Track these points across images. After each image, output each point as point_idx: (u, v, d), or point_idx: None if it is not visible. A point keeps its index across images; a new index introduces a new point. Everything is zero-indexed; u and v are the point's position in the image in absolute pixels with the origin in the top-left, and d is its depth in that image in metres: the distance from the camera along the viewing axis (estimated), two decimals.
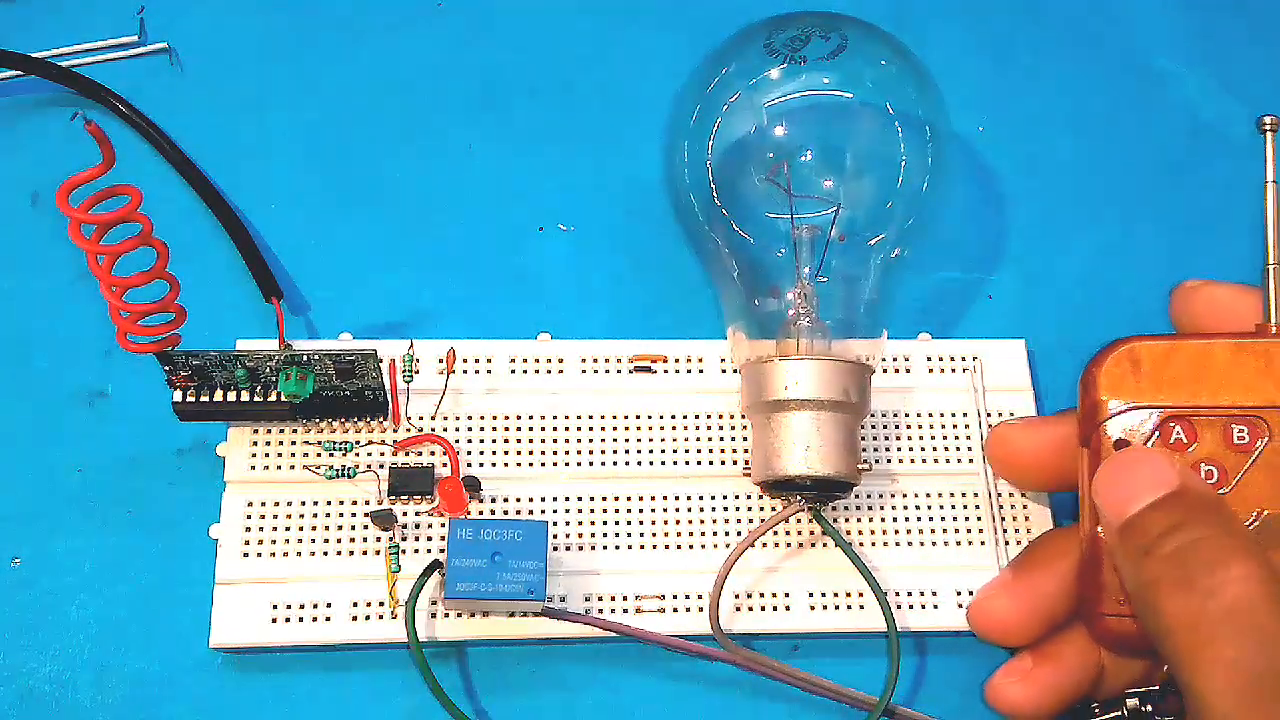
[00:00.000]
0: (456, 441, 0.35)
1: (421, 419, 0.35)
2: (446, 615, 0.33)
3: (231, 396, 0.33)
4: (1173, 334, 0.30)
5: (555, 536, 0.34)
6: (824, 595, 0.34)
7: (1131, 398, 0.29)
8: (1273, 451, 0.29)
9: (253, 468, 0.34)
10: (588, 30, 0.43)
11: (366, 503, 0.34)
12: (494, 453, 0.35)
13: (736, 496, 0.35)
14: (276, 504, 0.34)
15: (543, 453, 0.35)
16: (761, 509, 0.35)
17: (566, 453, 0.35)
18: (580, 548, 0.34)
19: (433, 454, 0.35)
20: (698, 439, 0.36)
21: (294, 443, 0.34)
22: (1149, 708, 0.30)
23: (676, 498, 0.35)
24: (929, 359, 0.37)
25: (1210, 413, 0.29)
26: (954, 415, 0.36)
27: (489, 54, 0.43)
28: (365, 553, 0.34)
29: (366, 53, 0.42)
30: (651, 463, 0.35)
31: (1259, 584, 0.25)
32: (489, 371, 0.36)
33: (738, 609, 0.34)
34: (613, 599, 0.34)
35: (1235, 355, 0.29)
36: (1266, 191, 0.31)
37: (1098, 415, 0.29)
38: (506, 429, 0.35)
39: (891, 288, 0.36)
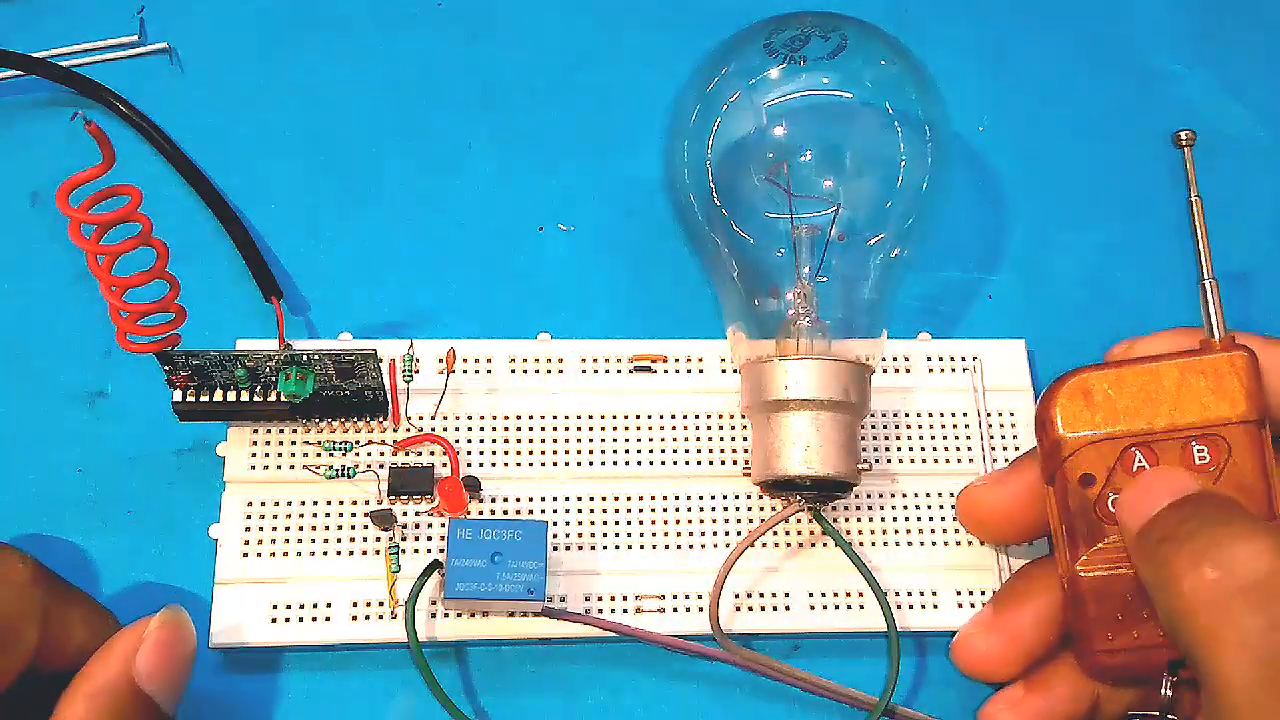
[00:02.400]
0: (456, 441, 0.35)
1: (421, 419, 0.35)
2: (446, 615, 0.33)
3: (231, 396, 0.33)
4: (1118, 362, 0.30)
5: (555, 536, 0.34)
6: (824, 595, 0.34)
7: (1089, 429, 0.29)
8: (1235, 468, 0.29)
9: (253, 468, 0.34)
10: (588, 30, 0.43)
11: (366, 503, 0.34)
12: (494, 453, 0.35)
13: (736, 496, 0.35)
14: (276, 504, 0.34)
15: (543, 453, 0.35)
16: (761, 509, 0.35)
17: (566, 453, 0.35)
18: (580, 548, 0.34)
19: (433, 454, 0.35)
20: (698, 439, 0.36)
21: (294, 443, 0.34)
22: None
23: (676, 498, 0.35)
24: (929, 359, 0.37)
25: (1169, 436, 0.29)
26: (954, 415, 0.36)
27: (489, 54, 0.43)
28: (365, 553, 0.34)
29: (366, 53, 0.42)
30: (651, 463, 0.35)
31: (1273, 558, 0.25)
32: (489, 371, 0.36)
33: (738, 609, 0.34)
34: (613, 599, 0.34)
35: (1184, 376, 0.29)
36: (1191, 207, 0.31)
37: (1059, 452, 0.30)
38: (506, 429, 0.35)
39: (891, 288, 0.36)
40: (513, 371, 0.36)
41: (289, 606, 0.33)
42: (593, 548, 0.34)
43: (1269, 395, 0.29)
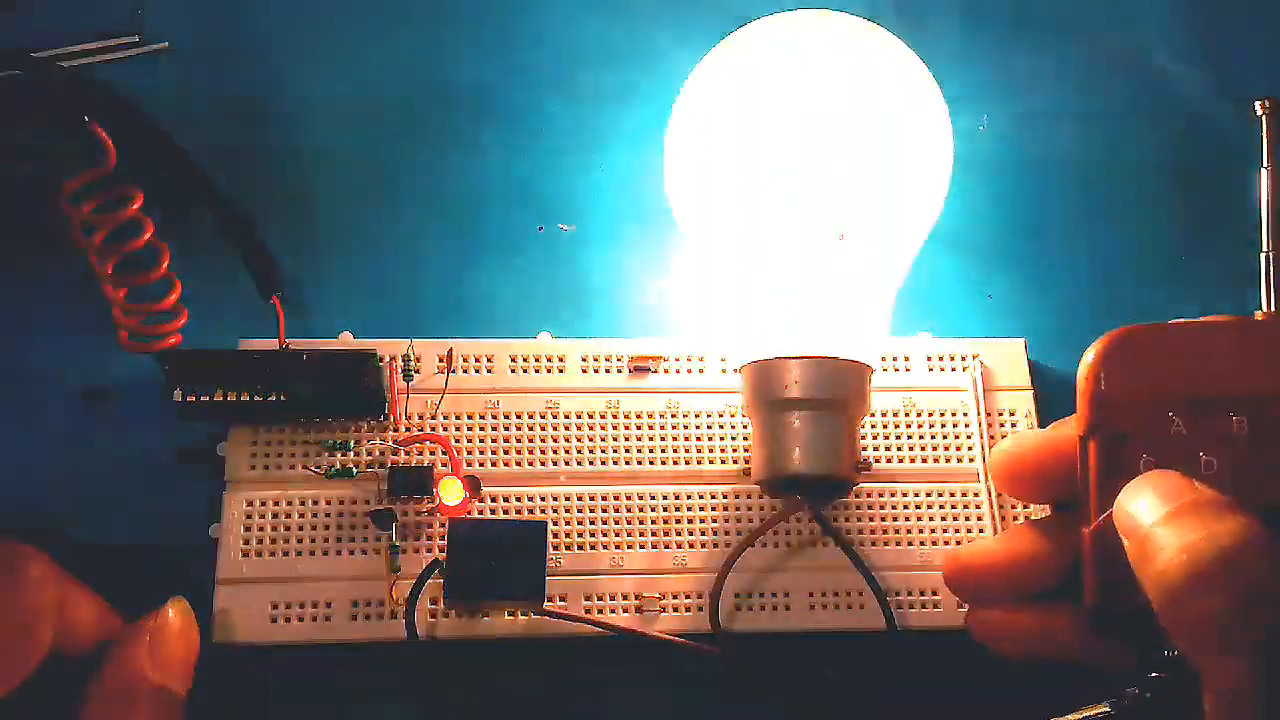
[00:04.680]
0: (456, 441, 0.35)
1: (421, 419, 0.35)
2: (446, 615, 0.33)
3: (231, 396, 0.33)
4: (1171, 323, 0.29)
5: (555, 536, 0.34)
6: (824, 595, 0.34)
7: (1131, 387, 0.29)
8: (1271, 438, 0.28)
9: (253, 468, 0.34)
10: (590, 29, 0.43)
11: (367, 502, 0.34)
12: (494, 453, 0.35)
13: (736, 496, 0.35)
14: (276, 504, 0.34)
15: (543, 453, 0.35)
16: (761, 509, 0.35)
17: (566, 452, 0.35)
18: (580, 548, 0.34)
19: (433, 454, 0.35)
20: (698, 439, 0.36)
21: (294, 443, 0.34)
22: (1149, 695, 0.29)
23: (676, 498, 0.35)
24: (929, 358, 0.37)
25: (1213, 404, 0.28)
26: (954, 415, 0.36)
27: (489, 54, 0.43)
28: (365, 552, 0.34)
29: (366, 52, 0.42)
30: (651, 463, 0.35)
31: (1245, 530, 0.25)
32: (489, 371, 0.36)
33: (738, 608, 0.34)
34: (613, 599, 0.34)
35: (1239, 342, 0.29)
36: (1262, 176, 0.31)
37: (1097, 407, 0.29)
38: (506, 429, 0.35)
39: (891, 287, 0.36)
40: (513, 371, 0.36)
41: (289, 606, 0.33)
42: (593, 548, 0.34)
43: None
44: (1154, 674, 0.28)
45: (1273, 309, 0.30)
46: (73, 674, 0.29)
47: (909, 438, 0.36)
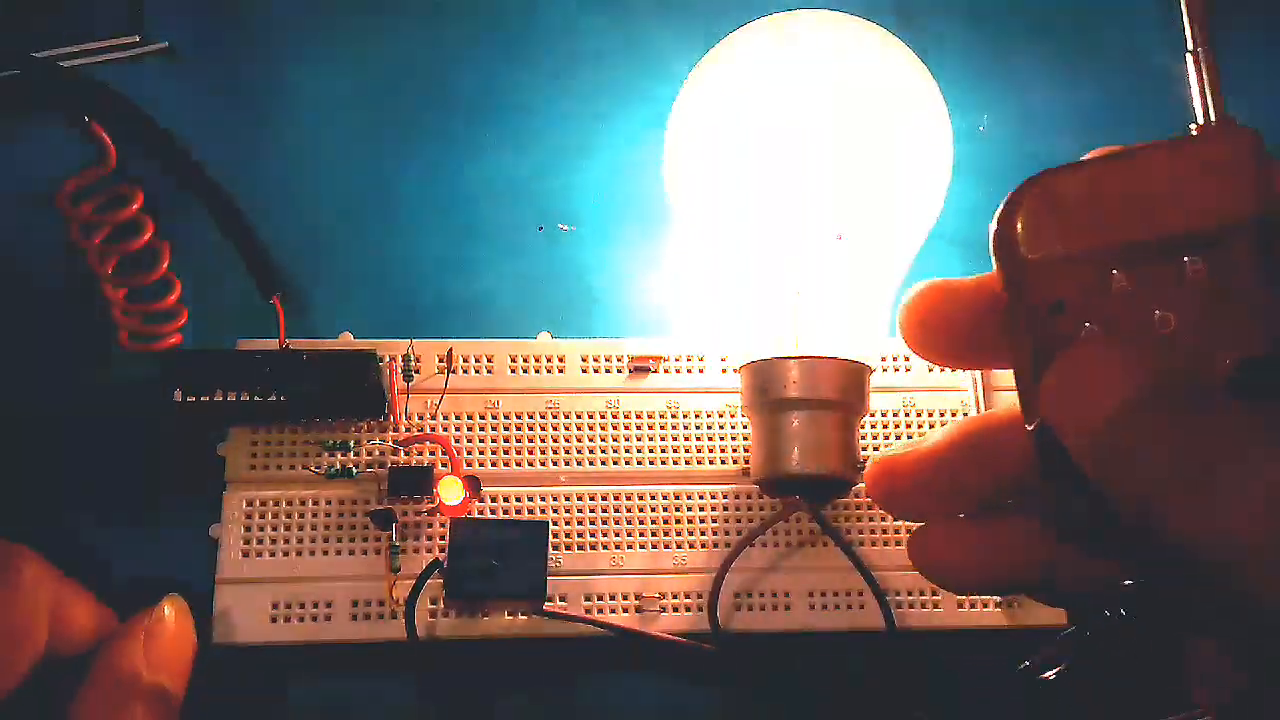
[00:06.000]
0: (456, 441, 0.35)
1: (421, 419, 0.35)
2: (446, 615, 0.33)
3: (231, 397, 0.33)
4: (1092, 160, 0.25)
5: (555, 536, 0.34)
6: (824, 595, 0.34)
7: (1059, 245, 0.23)
8: (1235, 279, 0.23)
9: (253, 468, 0.34)
10: (589, 29, 0.43)
11: (367, 502, 0.34)
12: (494, 453, 0.35)
13: (736, 496, 0.35)
14: (276, 504, 0.34)
15: (543, 452, 0.35)
16: (761, 509, 0.35)
17: (566, 452, 0.35)
18: (580, 548, 0.34)
19: (433, 454, 0.35)
20: (698, 439, 0.36)
21: (294, 443, 0.34)
22: (1123, 612, 0.24)
23: (676, 498, 0.35)
24: None
25: (1157, 248, 0.23)
26: (954, 415, 0.36)
27: (489, 54, 0.43)
28: (365, 552, 0.34)
29: (366, 52, 0.42)
30: (651, 463, 0.35)
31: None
32: (489, 371, 0.36)
33: (737, 608, 0.34)
34: (613, 599, 0.34)
35: (1174, 169, 0.23)
36: None
37: (1023, 275, 0.24)
38: (506, 429, 0.35)
39: (892, 287, 0.36)
40: (513, 371, 0.36)
41: (289, 606, 0.33)
42: (593, 547, 0.34)
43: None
44: (1126, 583, 0.23)
45: (1210, 117, 0.25)
46: (68, 674, 0.28)
47: (909, 437, 0.36)
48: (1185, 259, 0.23)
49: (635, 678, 0.34)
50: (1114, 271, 0.23)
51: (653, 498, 0.35)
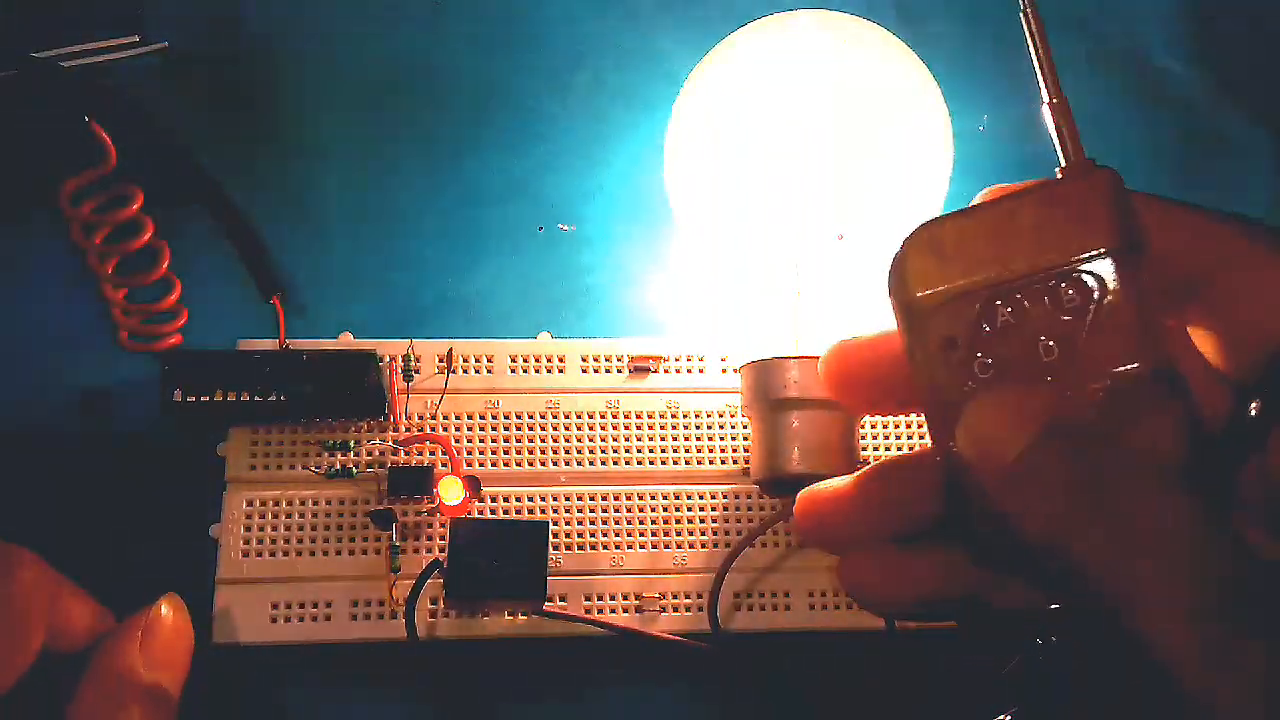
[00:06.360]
0: (456, 441, 0.35)
1: (421, 419, 0.35)
2: (446, 615, 0.33)
3: (231, 397, 0.33)
4: (968, 208, 0.26)
5: (555, 536, 0.34)
6: (824, 595, 0.34)
7: (943, 284, 0.25)
8: (1107, 307, 0.24)
9: (253, 468, 0.34)
10: (589, 29, 0.43)
11: (367, 502, 0.34)
12: (494, 453, 0.35)
13: (736, 496, 0.35)
14: (276, 504, 0.34)
15: (543, 453, 0.35)
16: (761, 508, 0.35)
17: (567, 452, 0.35)
18: (580, 548, 0.34)
19: (432, 454, 0.35)
20: (698, 439, 0.36)
21: (294, 443, 0.34)
22: (1053, 639, 0.25)
23: (676, 498, 0.35)
24: None
25: (1031, 281, 0.25)
26: None
27: (489, 54, 0.43)
28: (365, 552, 0.34)
29: (366, 52, 0.42)
30: (651, 463, 0.35)
31: (1181, 507, 0.21)
32: (489, 371, 0.36)
33: (737, 608, 0.34)
34: (613, 599, 0.34)
35: (1041, 210, 0.25)
36: (1024, 18, 0.29)
37: (915, 316, 0.25)
38: (506, 429, 0.35)
39: None
40: (513, 371, 0.36)
41: (289, 606, 0.33)
42: (593, 547, 0.34)
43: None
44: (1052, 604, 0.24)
45: (1071, 159, 0.27)
46: (66, 673, 0.28)
47: (908, 437, 0.36)
48: (1062, 288, 0.25)
49: (635, 678, 0.34)
50: (997, 304, 0.25)
51: (652, 498, 0.35)
